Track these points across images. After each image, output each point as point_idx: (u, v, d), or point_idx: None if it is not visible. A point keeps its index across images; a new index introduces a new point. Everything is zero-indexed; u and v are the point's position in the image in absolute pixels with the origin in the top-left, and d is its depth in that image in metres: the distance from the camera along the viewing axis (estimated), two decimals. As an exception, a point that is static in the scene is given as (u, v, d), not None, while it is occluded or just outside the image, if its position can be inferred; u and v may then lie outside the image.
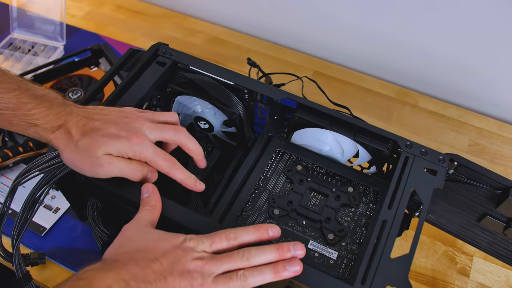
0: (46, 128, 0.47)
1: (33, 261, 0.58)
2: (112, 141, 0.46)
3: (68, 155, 0.47)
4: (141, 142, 0.47)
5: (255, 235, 0.44)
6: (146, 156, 0.47)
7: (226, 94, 0.58)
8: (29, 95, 0.47)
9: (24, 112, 0.47)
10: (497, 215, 0.54)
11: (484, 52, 0.82)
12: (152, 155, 0.47)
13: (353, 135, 0.55)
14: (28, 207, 0.51)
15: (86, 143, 0.46)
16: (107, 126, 0.47)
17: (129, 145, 0.46)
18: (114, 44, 0.97)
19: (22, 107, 0.47)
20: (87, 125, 0.47)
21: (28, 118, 0.47)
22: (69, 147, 0.46)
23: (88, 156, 0.45)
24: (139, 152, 0.47)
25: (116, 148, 0.46)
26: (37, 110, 0.47)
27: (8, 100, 0.47)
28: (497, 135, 0.84)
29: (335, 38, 0.95)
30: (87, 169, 0.46)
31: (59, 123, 0.47)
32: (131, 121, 0.48)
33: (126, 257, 0.40)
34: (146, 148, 0.47)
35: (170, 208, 0.47)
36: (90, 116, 0.48)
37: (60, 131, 0.47)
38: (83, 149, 0.46)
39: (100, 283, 0.36)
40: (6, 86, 0.47)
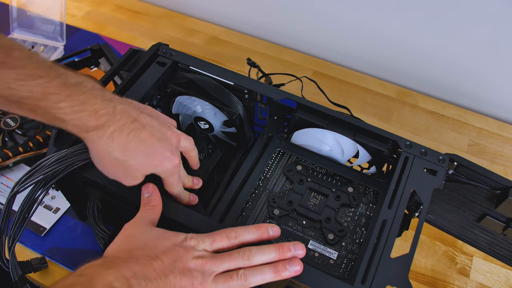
0: (77, 125, 0.41)
1: (35, 267, 0.58)
2: (156, 164, 0.46)
3: (104, 162, 0.45)
4: (177, 168, 0.47)
5: (255, 234, 0.44)
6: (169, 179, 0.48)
7: (226, 94, 0.58)
8: (58, 84, 0.40)
9: (50, 105, 0.40)
10: (496, 215, 0.54)
11: (484, 52, 0.82)
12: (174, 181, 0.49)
13: (353, 135, 0.55)
14: (26, 208, 0.48)
15: (129, 161, 0.44)
16: (153, 141, 0.45)
17: (168, 169, 0.47)
18: (114, 44, 0.97)
19: (48, 98, 0.40)
20: (133, 135, 0.43)
21: (56, 111, 0.40)
22: (107, 156, 0.43)
23: (126, 174, 0.45)
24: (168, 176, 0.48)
25: (155, 170, 0.46)
26: (67, 103, 0.40)
27: (32, 88, 0.39)
28: (497, 135, 0.84)
29: (335, 38, 0.95)
30: (117, 178, 0.46)
31: (97, 124, 0.41)
32: (173, 138, 0.47)
33: (127, 255, 0.40)
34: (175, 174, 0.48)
35: (170, 207, 0.47)
36: (138, 119, 0.44)
37: (96, 133, 0.42)
38: (124, 165, 0.44)
39: (101, 280, 0.36)
40: (30, 73, 0.39)
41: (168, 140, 0.46)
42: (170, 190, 0.49)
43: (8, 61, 0.38)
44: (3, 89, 0.39)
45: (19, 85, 0.39)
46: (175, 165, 0.47)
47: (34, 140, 0.71)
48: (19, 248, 0.65)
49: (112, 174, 0.46)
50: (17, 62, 0.39)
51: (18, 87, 0.39)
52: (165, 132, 0.47)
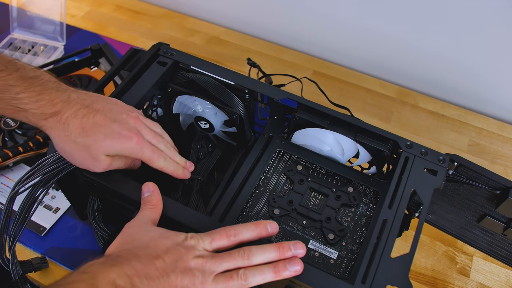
0: (36, 113, 0.45)
1: (36, 267, 0.58)
2: (114, 143, 0.46)
3: (65, 147, 0.46)
4: (140, 143, 0.47)
5: (254, 231, 0.44)
6: (144, 156, 0.48)
7: (227, 94, 0.58)
8: (17, 77, 0.44)
9: (11, 96, 0.44)
10: (497, 215, 0.54)
11: (484, 52, 0.82)
12: (150, 155, 0.48)
13: (353, 135, 0.55)
14: (26, 208, 0.49)
15: (88, 142, 0.45)
16: (107, 122, 0.46)
17: (129, 146, 0.47)
18: (114, 44, 0.97)
19: (8, 90, 0.43)
20: (87, 118, 0.45)
21: (16, 102, 0.44)
22: (66, 140, 0.45)
23: (87, 156, 0.46)
24: (137, 152, 0.47)
25: (117, 149, 0.46)
26: (26, 94, 0.44)
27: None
28: (497, 135, 0.84)
29: (335, 38, 0.95)
30: (84, 165, 0.47)
31: (53, 111, 0.45)
32: (129, 119, 0.48)
33: (129, 253, 0.40)
34: (144, 149, 0.48)
35: (171, 207, 0.47)
36: (91, 105, 0.47)
37: (54, 119, 0.45)
38: (84, 147, 0.45)
39: (103, 277, 0.37)
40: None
41: (123, 120, 0.47)
42: (154, 165, 0.50)
43: None
44: None
45: None
46: (136, 141, 0.47)
47: (34, 140, 0.71)
48: (19, 248, 0.65)
49: (77, 159, 0.47)
50: None
51: None
52: (120, 114, 0.48)
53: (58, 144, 0.47)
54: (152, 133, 0.50)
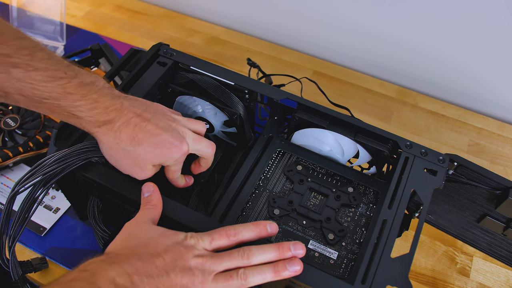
0: (91, 121, 0.45)
1: (36, 267, 0.58)
2: (163, 153, 0.47)
3: (114, 154, 0.47)
4: (185, 154, 0.49)
5: (254, 231, 0.44)
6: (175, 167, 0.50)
7: (227, 94, 0.58)
8: (75, 84, 0.43)
9: (68, 103, 0.43)
10: (496, 215, 0.54)
11: (484, 52, 0.82)
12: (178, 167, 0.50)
13: (353, 135, 0.55)
14: (26, 208, 0.49)
15: (138, 151, 0.46)
16: (159, 132, 0.47)
17: (176, 155, 0.48)
18: (114, 44, 0.97)
19: (67, 98, 0.43)
20: (139, 128, 0.46)
21: (73, 109, 0.44)
22: (116, 147, 0.46)
23: (135, 164, 0.47)
24: (178, 162, 0.49)
25: (164, 159, 0.48)
26: (82, 102, 0.44)
27: (53, 89, 0.42)
28: (497, 135, 0.84)
29: (335, 38, 0.95)
30: (129, 172, 0.48)
31: (107, 119, 0.45)
32: (177, 127, 0.49)
33: (129, 252, 0.40)
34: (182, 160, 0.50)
35: (171, 207, 0.47)
36: (142, 114, 0.47)
37: (106, 126, 0.45)
38: (133, 156, 0.46)
39: (103, 275, 0.37)
40: (52, 74, 0.42)
41: (174, 129, 0.48)
42: (171, 176, 0.51)
43: (32, 64, 0.41)
44: (27, 90, 0.41)
45: (42, 86, 0.41)
46: (184, 152, 0.48)
47: (34, 140, 0.71)
48: (19, 248, 0.65)
49: (123, 166, 0.48)
50: (40, 64, 0.41)
51: (41, 88, 0.41)
52: (170, 124, 0.49)
53: (107, 151, 0.48)
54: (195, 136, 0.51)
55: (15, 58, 0.40)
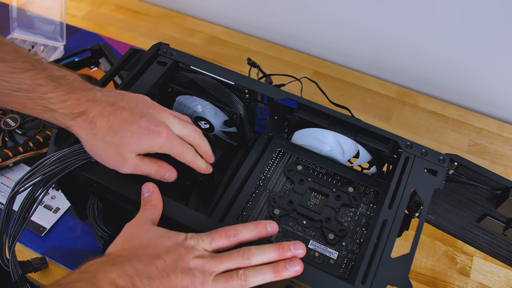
0: (64, 113, 0.44)
1: (36, 267, 0.58)
2: (142, 140, 0.45)
3: (93, 146, 0.46)
4: (170, 138, 0.47)
5: (254, 231, 0.44)
6: (175, 151, 0.48)
7: (227, 94, 0.58)
8: (45, 76, 0.43)
9: (39, 95, 0.43)
10: (497, 215, 0.54)
11: (484, 52, 0.82)
12: (180, 149, 0.48)
13: (353, 135, 0.55)
14: (26, 208, 0.49)
15: (115, 140, 0.45)
16: (135, 119, 0.45)
17: (158, 141, 0.46)
18: (114, 44, 0.97)
19: (37, 89, 0.43)
20: (113, 116, 0.45)
21: (44, 102, 0.43)
22: (94, 139, 0.45)
23: (116, 154, 0.46)
24: (167, 148, 0.47)
25: (145, 146, 0.46)
26: (54, 94, 0.43)
27: (22, 81, 0.42)
28: (497, 135, 0.84)
29: (335, 38, 0.95)
30: (112, 164, 0.47)
31: (81, 110, 0.44)
32: (156, 113, 0.48)
33: (129, 253, 0.40)
34: (174, 144, 0.47)
35: (171, 207, 0.47)
36: (116, 103, 0.46)
37: (81, 118, 0.45)
38: (112, 145, 0.45)
39: (104, 277, 0.37)
40: (19, 66, 0.42)
41: (150, 115, 0.47)
42: (182, 160, 0.49)
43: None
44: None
45: (10, 78, 0.41)
46: (165, 136, 0.46)
47: (34, 140, 0.71)
48: (19, 248, 0.65)
49: (104, 157, 0.46)
50: (7, 56, 0.41)
51: (9, 79, 0.41)
52: (147, 109, 0.47)
53: (86, 144, 0.47)
54: (180, 124, 0.49)
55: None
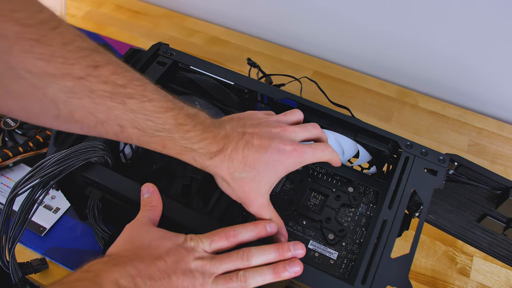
0: (203, 153, 0.43)
1: (36, 268, 0.58)
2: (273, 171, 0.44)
3: (232, 185, 0.45)
4: (300, 153, 0.46)
5: (254, 231, 0.44)
6: (308, 161, 0.47)
7: (227, 94, 0.58)
8: (184, 115, 0.42)
9: (180, 135, 0.42)
10: (497, 215, 0.54)
11: (484, 52, 0.82)
12: (313, 157, 0.47)
13: (353, 135, 0.55)
14: (26, 209, 0.48)
15: (252, 175, 0.44)
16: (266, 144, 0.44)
17: (291, 163, 0.45)
18: (114, 44, 0.97)
19: (179, 129, 0.41)
20: (247, 149, 0.44)
21: (186, 142, 0.42)
22: (231, 177, 0.44)
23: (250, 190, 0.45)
24: (301, 162, 0.46)
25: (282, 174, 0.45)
26: (193, 133, 0.42)
27: (166, 120, 0.41)
28: (497, 135, 0.84)
29: (335, 38, 0.95)
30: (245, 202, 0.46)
31: (217, 149, 0.43)
32: (281, 132, 0.46)
33: (131, 254, 0.40)
34: (305, 155, 0.46)
35: (170, 207, 0.47)
36: (245, 131, 0.45)
37: (218, 157, 0.44)
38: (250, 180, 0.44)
39: (107, 276, 0.37)
40: (163, 105, 0.41)
41: (278, 135, 0.46)
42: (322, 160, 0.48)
43: (146, 94, 0.40)
44: (141, 122, 0.40)
45: (156, 118, 0.40)
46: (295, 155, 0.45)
47: (34, 140, 0.71)
48: (19, 248, 0.65)
49: (240, 195, 0.45)
50: (152, 95, 0.40)
51: (154, 119, 0.40)
52: (270, 130, 0.46)
53: (223, 184, 0.46)
54: (300, 130, 0.48)
55: (130, 89, 0.38)
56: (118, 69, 0.38)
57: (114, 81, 0.37)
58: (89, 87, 0.36)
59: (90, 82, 0.36)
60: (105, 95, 0.37)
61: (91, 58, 0.36)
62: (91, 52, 0.37)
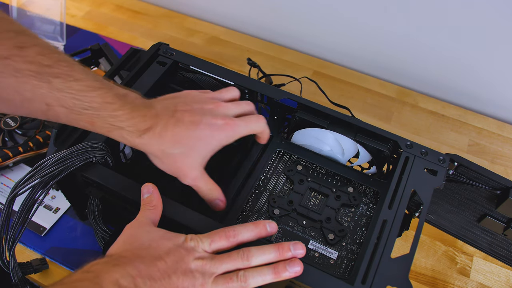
0: (131, 131, 0.45)
1: (36, 268, 0.58)
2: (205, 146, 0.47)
3: (164, 160, 0.47)
4: (232, 127, 0.48)
5: (254, 231, 0.44)
6: (241, 134, 0.49)
7: (227, 94, 0.58)
8: (113, 95, 0.44)
9: (108, 113, 0.44)
10: (497, 215, 0.54)
11: (484, 52, 0.82)
12: (245, 130, 0.50)
13: (353, 135, 0.55)
14: (26, 209, 0.48)
15: (183, 151, 0.46)
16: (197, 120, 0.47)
17: (223, 137, 0.48)
18: (114, 44, 0.97)
19: (106, 107, 0.43)
20: (177, 126, 0.46)
21: (113, 120, 0.44)
22: (162, 153, 0.46)
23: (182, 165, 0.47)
24: (234, 136, 0.49)
25: (214, 147, 0.48)
26: (121, 111, 0.44)
27: (92, 99, 0.43)
28: (497, 135, 0.84)
29: (335, 38, 0.95)
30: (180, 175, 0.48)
31: (146, 127, 0.45)
32: (214, 108, 0.49)
33: (131, 254, 0.40)
34: (238, 128, 0.49)
35: (170, 207, 0.47)
36: (176, 109, 0.47)
37: (147, 135, 0.46)
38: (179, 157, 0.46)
39: (107, 277, 0.37)
40: (90, 84, 0.43)
41: (210, 111, 0.48)
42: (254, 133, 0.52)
43: (72, 74, 0.41)
44: (68, 100, 0.41)
45: (82, 96, 0.42)
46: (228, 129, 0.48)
47: (34, 140, 0.71)
48: (19, 248, 0.65)
49: (174, 170, 0.48)
50: (79, 75, 0.42)
51: (81, 98, 0.42)
52: (202, 107, 0.49)
53: (155, 160, 0.48)
54: (233, 105, 0.51)
55: (55, 69, 0.40)
56: (44, 51, 0.40)
57: (39, 61, 0.39)
58: (14, 66, 0.38)
59: (15, 61, 0.38)
60: (30, 74, 0.39)
61: (16, 39, 0.38)
62: (17, 34, 0.39)
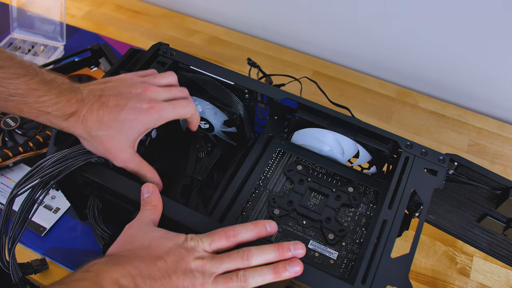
0: (57, 115, 0.46)
1: (36, 269, 0.58)
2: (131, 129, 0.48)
3: (91, 143, 0.48)
4: (158, 110, 0.49)
5: (254, 231, 0.44)
6: (168, 118, 0.50)
7: (227, 94, 0.58)
8: (38, 81, 0.45)
9: (34, 99, 0.45)
10: (497, 215, 0.54)
11: (484, 52, 0.82)
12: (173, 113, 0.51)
13: (353, 135, 0.55)
14: (26, 209, 0.49)
15: (109, 133, 0.47)
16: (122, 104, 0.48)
17: (148, 120, 0.49)
18: (114, 44, 0.97)
19: (31, 94, 0.45)
20: (102, 110, 0.47)
21: (39, 105, 0.45)
22: (90, 137, 0.48)
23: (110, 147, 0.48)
24: (161, 120, 0.50)
25: (140, 130, 0.49)
26: (46, 97, 0.45)
27: (17, 86, 0.44)
28: (497, 135, 0.84)
29: (335, 38, 0.95)
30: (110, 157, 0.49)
31: (71, 111, 0.47)
32: (141, 92, 0.50)
33: (131, 254, 0.40)
34: (165, 111, 0.50)
35: (170, 207, 0.47)
36: (103, 94, 0.48)
37: (73, 118, 0.47)
38: (106, 139, 0.47)
39: (107, 276, 0.37)
40: (15, 72, 0.44)
41: (133, 98, 0.49)
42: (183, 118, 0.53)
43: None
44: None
45: (7, 83, 0.43)
46: (154, 112, 0.49)
47: (34, 140, 0.71)
48: (19, 248, 0.65)
49: (102, 151, 0.49)
50: (3, 62, 0.43)
51: (6, 85, 0.43)
52: (130, 91, 0.49)
53: (84, 142, 0.49)
54: (163, 90, 0.51)
55: None
56: None
57: None
58: None
59: None
60: None
61: None
62: None
